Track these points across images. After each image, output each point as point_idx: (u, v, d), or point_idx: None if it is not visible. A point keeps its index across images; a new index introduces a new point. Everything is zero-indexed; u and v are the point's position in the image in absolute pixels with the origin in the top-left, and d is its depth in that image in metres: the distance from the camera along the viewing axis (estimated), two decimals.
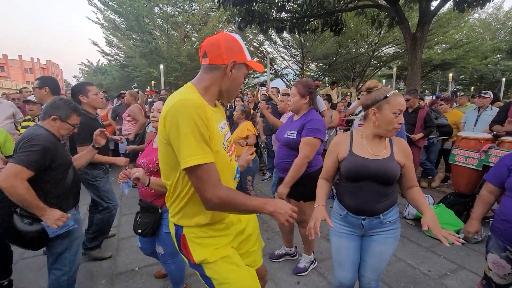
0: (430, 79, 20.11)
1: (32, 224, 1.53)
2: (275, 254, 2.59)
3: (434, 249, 2.78)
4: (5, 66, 47.36)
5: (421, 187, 4.70)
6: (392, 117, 1.29)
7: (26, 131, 1.59)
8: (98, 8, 14.01)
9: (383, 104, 1.30)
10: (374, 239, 1.45)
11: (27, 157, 1.43)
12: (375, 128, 1.36)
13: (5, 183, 1.38)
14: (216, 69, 1.07)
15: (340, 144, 1.45)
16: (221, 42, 1.05)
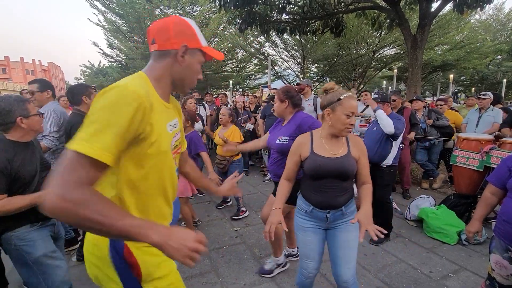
0: (430, 80, 20.13)
1: None
2: (265, 270, 2.43)
3: (436, 250, 2.78)
4: (7, 68, 47.64)
5: (422, 188, 4.74)
6: (344, 118, 1.39)
7: None
8: (100, 10, 14.09)
9: (337, 105, 1.40)
10: (337, 229, 1.57)
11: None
12: (330, 128, 1.47)
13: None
14: (166, 55, 0.94)
15: (302, 145, 1.52)
16: (170, 25, 0.93)
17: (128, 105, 0.77)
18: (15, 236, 1.46)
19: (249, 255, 2.67)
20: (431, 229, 3.00)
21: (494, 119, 4.08)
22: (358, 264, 2.53)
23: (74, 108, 2.46)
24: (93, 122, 0.74)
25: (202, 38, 0.99)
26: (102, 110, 0.76)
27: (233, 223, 3.39)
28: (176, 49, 0.93)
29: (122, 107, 0.77)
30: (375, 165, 2.83)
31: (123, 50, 16.03)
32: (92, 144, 0.71)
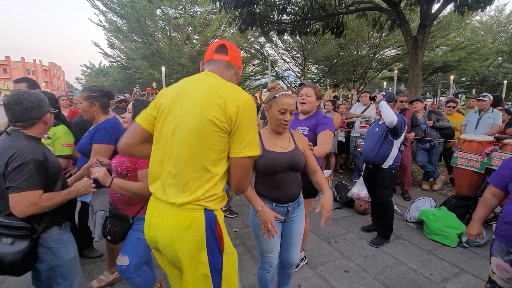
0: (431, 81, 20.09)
1: (14, 243, 1.29)
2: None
3: (436, 252, 2.76)
4: (8, 68, 47.69)
5: (422, 190, 4.74)
6: (278, 114, 1.48)
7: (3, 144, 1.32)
8: (101, 10, 14.10)
9: (273, 103, 1.51)
10: (294, 221, 1.67)
11: (30, 180, 1.27)
12: (271, 124, 1.57)
13: (28, 212, 1.28)
14: (232, 68, 1.22)
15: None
16: (236, 49, 1.25)
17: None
18: (50, 238, 1.42)
19: (249, 257, 2.66)
20: (431, 231, 2.99)
21: (493, 121, 4.06)
22: (358, 266, 2.52)
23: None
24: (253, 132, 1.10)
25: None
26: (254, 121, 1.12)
27: (232, 224, 3.37)
28: (239, 67, 1.26)
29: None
30: (376, 166, 2.82)
31: (124, 50, 16.05)
32: (257, 149, 1.12)
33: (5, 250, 1.28)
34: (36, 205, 1.29)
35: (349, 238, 3.06)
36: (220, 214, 1.15)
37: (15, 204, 1.26)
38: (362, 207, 3.66)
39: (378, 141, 2.76)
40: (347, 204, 3.86)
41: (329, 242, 2.95)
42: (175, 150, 1.09)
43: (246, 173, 1.12)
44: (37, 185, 1.30)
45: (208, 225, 1.09)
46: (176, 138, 1.09)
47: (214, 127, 1.04)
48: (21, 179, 1.25)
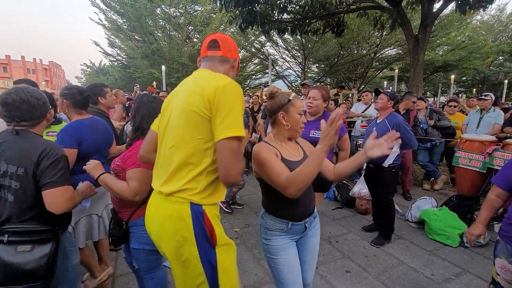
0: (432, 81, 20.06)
1: (34, 249, 1.20)
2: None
3: (438, 252, 2.75)
4: (8, 67, 47.66)
5: (423, 190, 4.73)
6: (299, 117, 1.40)
7: (19, 144, 1.26)
8: (101, 9, 14.09)
9: (289, 107, 1.38)
10: (309, 235, 1.49)
11: (65, 175, 1.29)
12: (287, 131, 1.42)
13: (66, 208, 1.28)
14: (227, 62, 1.21)
15: (273, 151, 1.33)
16: (230, 40, 1.22)
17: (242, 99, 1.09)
18: (66, 240, 1.41)
19: (249, 256, 2.65)
20: (433, 231, 2.97)
21: (495, 120, 4.04)
22: (359, 266, 2.51)
23: (91, 106, 2.52)
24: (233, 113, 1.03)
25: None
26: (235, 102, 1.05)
27: (232, 223, 3.36)
28: (234, 58, 1.24)
29: (242, 100, 1.08)
30: (377, 165, 2.80)
31: (124, 49, 16.04)
32: (241, 129, 1.03)
33: (24, 259, 1.18)
34: (72, 200, 1.30)
35: (350, 238, 3.04)
36: (210, 209, 1.11)
37: (53, 200, 1.24)
38: (363, 206, 3.64)
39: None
40: (348, 203, 3.85)
41: (330, 242, 2.94)
42: (166, 144, 1.14)
43: (232, 159, 1.01)
44: (70, 180, 1.32)
45: (195, 219, 1.08)
46: (167, 134, 1.14)
47: (195, 115, 1.04)
48: (58, 174, 1.25)
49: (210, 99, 1.02)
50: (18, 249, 1.19)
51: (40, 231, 1.26)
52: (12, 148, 1.24)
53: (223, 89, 1.03)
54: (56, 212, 1.25)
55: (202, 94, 1.03)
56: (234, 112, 1.03)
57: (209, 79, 1.09)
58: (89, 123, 1.96)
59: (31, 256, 1.20)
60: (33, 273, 1.20)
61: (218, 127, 1.01)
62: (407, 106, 4.34)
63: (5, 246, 1.18)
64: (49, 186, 1.23)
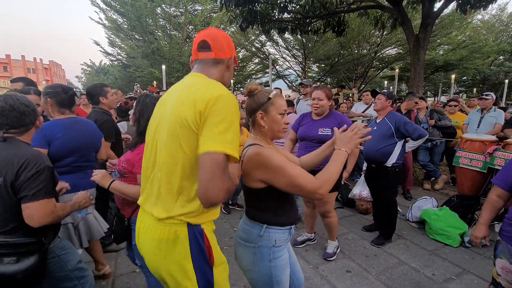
0: (432, 80, 20.05)
1: (19, 261, 1.19)
2: (298, 241, 2.83)
3: (438, 252, 2.75)
4: (8, 66, 47.65)
5: (424, 189, 4.72)
6: (280, 117, 1.25)
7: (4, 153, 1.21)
8: (101, 8, 14.08)
9: (269, 106, 1.24)
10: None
11: (47, 187, 1.23)
12: (266, 133, 1.27)
13: (45, 221, 1.22)
14: (220, 63, 1.10)
15: (280, 154, 1.26)
16: (221, 37, 1.10)
17: (237, 112, 0.97)
18: (55, 247, 1.40)
19: None
20: (433, 230, 2.97)
21: (496, 120, 4.04)
22: (359, 266, 2.50)
23: (94, 106, 2.61)
24: (224, 127, 0.90)
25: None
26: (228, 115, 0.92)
27: (233, 223, 3.36)
28: (229, 57, 1.12)
29: (237, 114, 0.96)
30: (379, 164, 2.78)
31: (124, 48, 16.05)
32: (232, 146, 0.90)
33: (10, 269, 1.17)
34: (53, 214, 1.24)
35: (351, 237, 3.04)
36: (208, 226, 1.05)
37: (32, 213, 1.19)
38: (364, 206, 3.64)
39: (380, 139, 2.73)
40: (348, 203, 3.85)
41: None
42: (154, 158, 1.05)
43: (216, 173, 0.86)
44: (52, 193, 1.25)
45: (192, 240, 1.00)
46: (158, 145, 1.03)
47: (184, 129, 0.93)
48: (38, 187, 1.19)
49: (202, 111, 0.90)
50: (4, 261, 1.17)
51: (23, 244, 1.21)
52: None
53: (216, 101, 0.91)
54: (34, 226, 1.21)
55: (193, 106, 0.92)
56: (225, 126, 0.89)
57: (202, 88, 0.97)
58: (66, 122, 1.88)
59: (17, 267, 1.18)
60: (22, 283, 1.20)
61: (203, 139, 0.89)
62: (409, 107, 4.34)
63: None
64: (29, 199, 1.18)
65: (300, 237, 2.86)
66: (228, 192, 0.90)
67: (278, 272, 1.24)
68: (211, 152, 0.86)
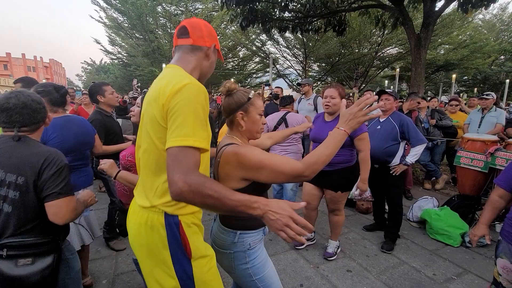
0: (433, 80, 20.03)
1: (35, 262, 1.17)
2: (298, 242, 2.71)
3: (439, 252, 2.74)
4: (8, 64, 47.60)
5: (424, 189, 4.70)
6: (258, 118, 1.25)
7: (20, 152, 1.20)
8: (101, 6, 14.04)
9: (249, 106, 1.22)
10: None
11: (69, 185, 1.24)
12: (245, 133, 1.26)
13: (69, 219, 1.23)
14: (199, 50, 1.08)
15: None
16: (202, 26, 1.09)
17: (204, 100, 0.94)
18: (65, 248, 1.38)
19: None
20: (434, 230, 2.97)
21: (497, 120, 4.03)
22: (360, 265, 2.50)
23: (96, 106, 2.70)
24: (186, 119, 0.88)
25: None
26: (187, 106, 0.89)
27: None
28: (208, 47, 1.09)
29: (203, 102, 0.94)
30: (383, 164, 2.76)
31: (125, 47, 16.02)
32: (191, 138, 0.87)
33: (25, 272, 1.14)
34: (76, 210, 1.25)
35: (351, 237, 3.04)
36: (187, 219, 1.05)
37: (58, 211, 1.18)
38: (364, 206, 3.64)
39: (384, 139, 2.71)
40: (348, 203, 3.84)
41: None
42: (139, 152, 1.10)
43: (173, 164, 0.85)
44: (73, 190, 1.27)
45: (169, 230, 1.01)
46: (141, 140, 1.08)
47: (154, 124, 0.96)
48: (62, 184, 1.20)
49: (165, 105, 0.91)
50: (18, 263, 1.14)
51: (40, 243, 1.20)
52: (11, 155, 1.17)
53: (177, 92, 0.89)
54: (60, 223, 1.21)
55: (158, 101, 0.93)
56: (183, 118, 0.87)
57: (168, 81, 0.94)
58: (60, 122, 1.85)
59: (33, 268, 1.16)
60: (37, 285, 1.17)
61: (167, 135, 0.89)
62: (411, 107, 4.33)
63: (4, 261, 1.13)
64: (53, 197, 1.18)
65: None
66: (194, 186, 0.82)
67: (258, 270, 1.25)
68: (170, 148, 0.87)
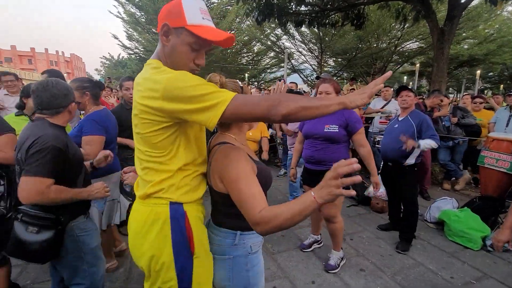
0: (455, 76, 19.17)
1: (39, 233, 1.29)
2: (305, 244, 2.68)
3: (458, 254, 2.65)
4: (33, 59, 49.72)
5: (443, 189, 4.54)
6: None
7: (28, 131, 1.32)
8: (120, 2, 14.30)
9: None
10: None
11: (42, 166, 1.23)
12: (241, 125, 1.16)
13: (33, 200, 1.24)
14: (161, 34, 0.93)
15: (250, 162, 1.02)
16: (165, 8, 0.92)
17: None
18: (75, 226, 1.42)
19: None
20: (453, 232, 2.86)
21: None
22: (374, 265, 2.46)
23: (121, 98, 2.90)
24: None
25: (193, 15, 0.88)
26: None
27: None
28: (163, 24, 0.90)
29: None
30: (397, 163, 2.70)
31: (142, 42, 16.27)
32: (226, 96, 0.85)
33: (31, 238, 1.28)
34: (42, 195, 1.24)
35: (365, 236, 2.99)
36: (192, 210, 1.00)
37: (22, 188, 1.23)
38: (379, 205, 3.56)
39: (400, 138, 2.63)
40: (363, 201, 3.77)
41: (344, 239, 2.89)
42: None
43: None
44: (48, 174, 1.25)
45: (174, 223, 0.96)
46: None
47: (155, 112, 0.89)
48: (36, 163, 1.22)
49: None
50: (28, 230, 1.29)
51: (43, 217, 1.30)
52: (23, 134, 1.32)
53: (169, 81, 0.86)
54: (23, 201, 1.24)
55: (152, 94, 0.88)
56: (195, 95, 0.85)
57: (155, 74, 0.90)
58: (107, 113, 2.10)
59: (37, 237, 1.28)
60: (35, 253, 1.30)
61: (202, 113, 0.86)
62: (433, 104, 4.17)
63: (19, 224, 1.30)
64: (23, 174, 1.23)
65: (307, 240, 2.71)
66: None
67: (256, 280, 1.12)
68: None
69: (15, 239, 1.29)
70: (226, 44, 0.94)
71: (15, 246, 1.29)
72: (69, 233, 1.39)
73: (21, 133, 1.36)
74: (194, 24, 0.88)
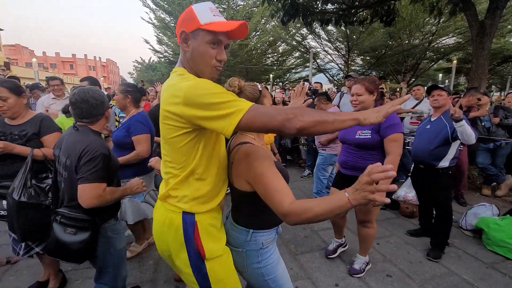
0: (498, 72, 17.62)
1: (77, 234, 1.39)
2: (330, 250, 2.58)
3: (497, 266, 2.45)
4: (74, 64, 54.03)
5: (482, 195, 4.22)
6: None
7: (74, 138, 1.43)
8: (151, 8, 15.05)
9: (263, 99, 1.20)
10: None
11: (97, 173, 1.36)
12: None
13: (93, 204, 1.36)
14: (181, 42, 1.00)
15: (272, 159, 1.08)
16: (179, 18, 0.99)
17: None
18: (109, 228, 1.52)
19: (285, 250, 2.66)
20: (492, 241, 2.65)
21: None
22: (401, 271, 2.36)
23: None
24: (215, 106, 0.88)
25: (205, 15, 0.94)
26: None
27: None
28: (181, 31, 0.97)
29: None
30: (429, 166, 2.54)
31: (171, 46, 16.97)
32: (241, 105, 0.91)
33: (69, 239, 1.38)
34: (101, 198, 1.37)
35: (393, 241, 2.87)
36: (203, 219, 1.06)
37: (82, 195, 1.34)
38: (409, 209, 3.39)
39: (432, 139, 2.49)
40: (391, 205, 3.62)
41: None
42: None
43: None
44: (103, 178, 1.38)
45: (185, 231, 1.04)
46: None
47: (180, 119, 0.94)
48: (91, 171, 1.34)
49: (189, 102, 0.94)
50: (66, 231, 1.39)
51: (81, 219, 1.40)
52: (68, 141, 1.43)
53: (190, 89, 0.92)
54: (84, 206, 1.36)
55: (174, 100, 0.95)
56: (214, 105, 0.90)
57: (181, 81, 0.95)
58: (146, 114, 2.39)
59: (75, 238, 1.39)
60: (73, 253, 1.40)
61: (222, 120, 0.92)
62: (469, 103, 3.89)
63: (58, 225, 1.40)
64: (81, 181, 1.34)
65: (331, 245, 2.62)
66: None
67: (270, 271, 1.20)
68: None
69: (54, 240, 1.39)
70: (241, 34, 0.99)
71: (55, 246, 1.40)
72: (103, 234, 1.49)
73: (65, 138, 1.46)
74: (207, 22, 0.93)
